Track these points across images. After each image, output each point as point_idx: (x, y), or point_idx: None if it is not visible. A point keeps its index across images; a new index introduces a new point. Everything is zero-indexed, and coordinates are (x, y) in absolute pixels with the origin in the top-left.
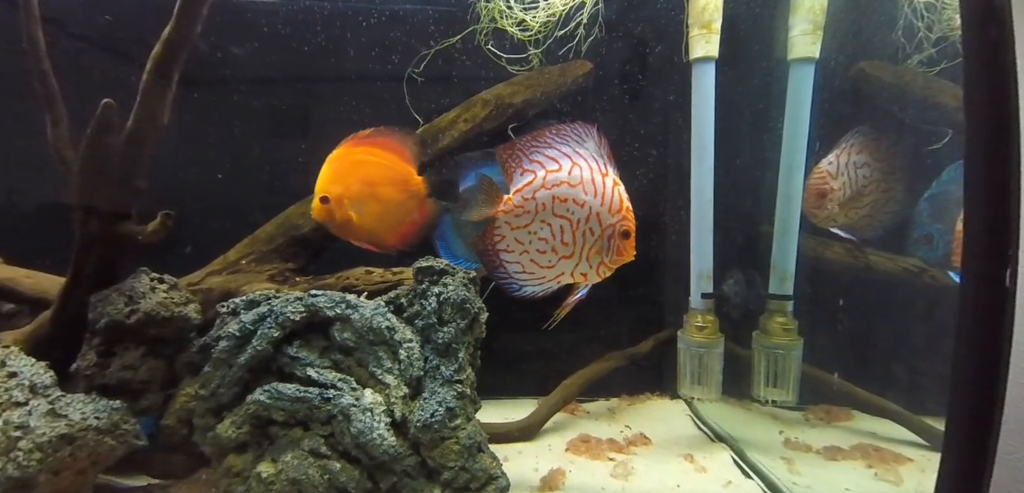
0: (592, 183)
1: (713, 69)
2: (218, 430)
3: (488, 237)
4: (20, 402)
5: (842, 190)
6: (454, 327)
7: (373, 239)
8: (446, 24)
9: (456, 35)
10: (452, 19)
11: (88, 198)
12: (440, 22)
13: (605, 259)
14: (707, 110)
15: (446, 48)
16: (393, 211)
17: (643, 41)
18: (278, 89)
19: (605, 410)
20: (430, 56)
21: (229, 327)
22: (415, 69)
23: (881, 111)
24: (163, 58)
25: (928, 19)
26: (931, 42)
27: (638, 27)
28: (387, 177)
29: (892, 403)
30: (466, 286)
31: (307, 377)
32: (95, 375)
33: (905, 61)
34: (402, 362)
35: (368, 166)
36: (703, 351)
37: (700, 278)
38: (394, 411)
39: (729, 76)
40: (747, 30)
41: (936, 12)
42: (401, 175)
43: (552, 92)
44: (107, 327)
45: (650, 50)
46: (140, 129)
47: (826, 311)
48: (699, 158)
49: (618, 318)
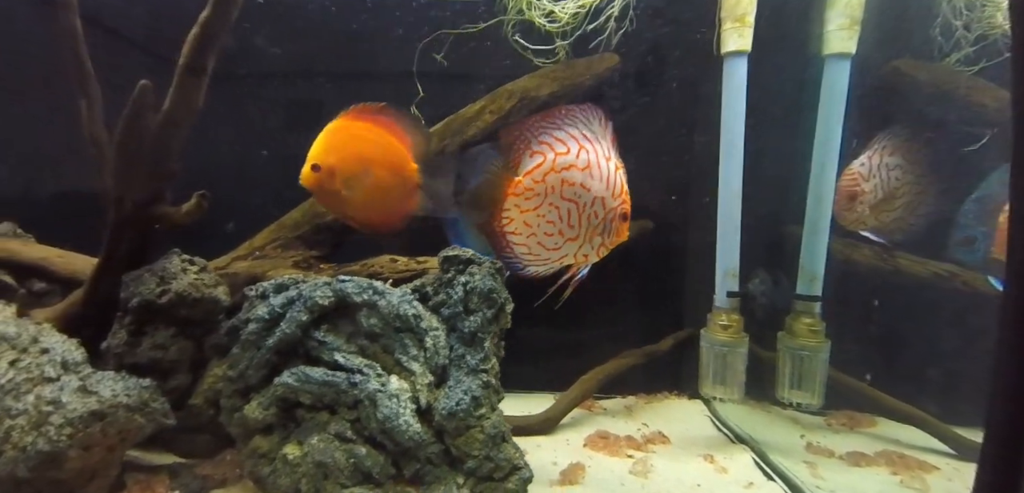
0: (598, 167)
1: (745, 63)
2: (245, 411)
3: (496, 220)
4: (52, 378)
5: (873, 193)
6: (480, 316)
7: (357, 217)
8: (472, 17)
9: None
10: (476, 12)
11: (122, 179)
12: (466, 14)
13: (605, 240)
14: (738, 105)
15: (472, 39)
16: (383, 193)
17: (673, 34)
18: (298, 80)
19: (622, 407)
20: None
21: (258, 310)
22: (438, 55)
23: (916, 111)
24: (199, 42)
25: (967, 17)
26: (970, 40)
27: (669, 20)
28: (383, 158)
29: (918, 410)
30: (493, 276)
31: (334, 361)
32: (126, 354)
33: (942, 60)
34: (428, 350)
35: (366, 143)
36: (727, 351)
37: (726, 276)
38: (419, 398)
39: (761, 71)
40: (780, 24)
41: (975, 10)
42: (397, 159)
43: (578, 85)
44: (139, 306)
45: (680, 43)
46: (175, 112)
47: (852, 314)
48: (728, 154)
49: (636, 315)
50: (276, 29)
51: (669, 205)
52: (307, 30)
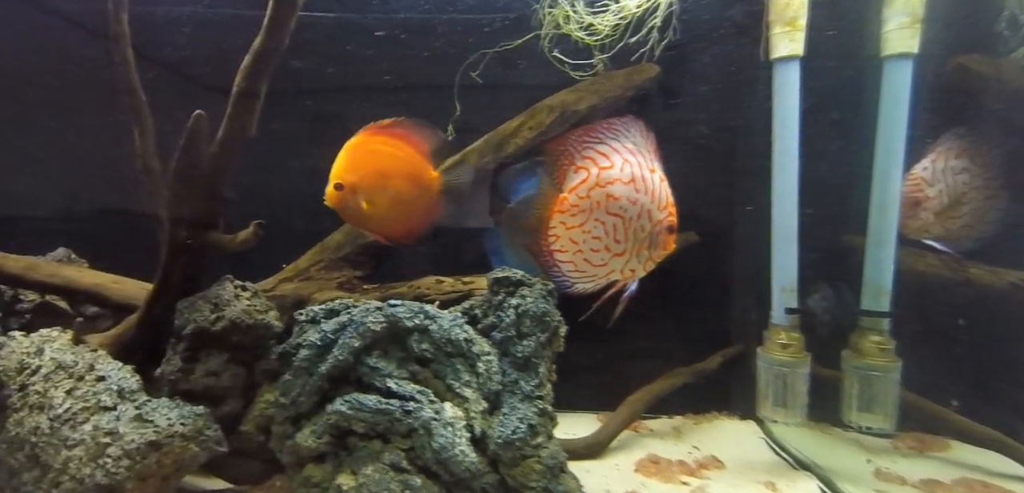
0: (643, 180)
1: (798, 68)
2: (297, 439)
3: (544, 238)
4: (108, 406)
5: (938, 198)
6: (534, 340)
7: (382, 230)
8: (508, 32)
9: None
10: (514, 26)
11: (178, 207)
12: (503, 30)
13: (651, 254)
14: (791, 113)
15: (507, 54)
16: (404, 204)
17: (717, 41)
18: (335, 99)
19: (669, 428)
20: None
21: (310, 336)
22: (474, 72)
23: (983, 110)
24: (252, 69)
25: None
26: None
27: (713, 27)
28: (401, 169)
29: (997, 432)
30: (545, 298)
31: (387, 388)
32: (179, 380)
33: (1009, 55)
34: (480, 375)
35: (383, 157)
36: (787, 371)
37: (783, 292)
38: (473, 426)
39: (813, 76)
40: (832, 27)
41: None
42: (415, 168)
43: (618, 97)
44: (193, 334)
45: (724, 50)
46: (230, 139)
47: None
48: (782, 164)
49: (680, 331)
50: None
51: (714, 216)
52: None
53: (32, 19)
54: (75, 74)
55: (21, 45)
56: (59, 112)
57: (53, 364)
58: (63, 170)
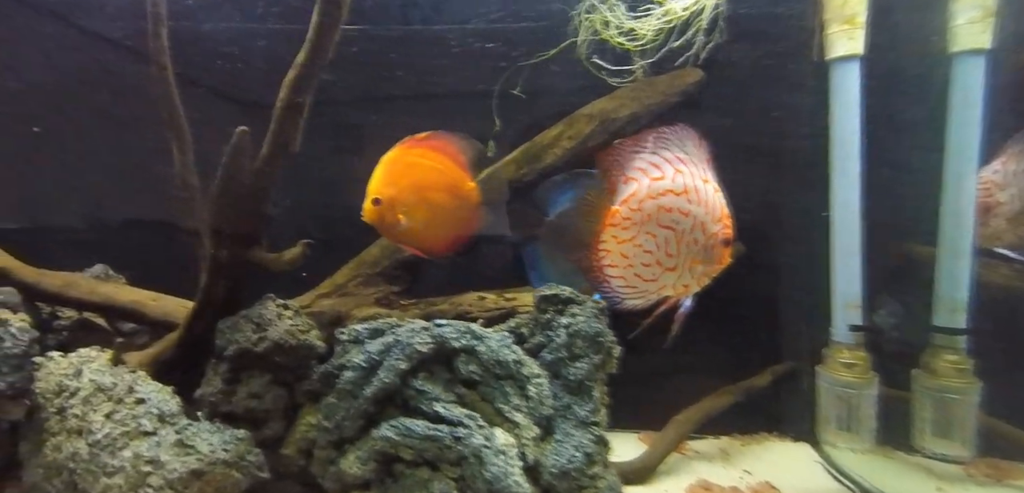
0: (696, 191)
1: (857, 68)
2: (342, 465)
3: (593, 252)
4: (148, 431)
5: (1010, 203)
6: (588, 363)
7: (422, 244)
8: (543, 40)
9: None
10: (548, 34)
11: (220, 224)
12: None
13: (706, 268)
14: (851, 116)
15: (543, 64)
16: (443, 217)
17: (766, 43)
18: (370, 110)
19: (716, 450)
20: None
21: (354, 357)
22: (509, 86)
23: None
24: (296, 84)
25: None
26: None
27: (761, 29)
28: (439, 182)
29: None
30: (598, 317)
31: (435, 413)
32: (220, 402)
33: None
34: (531, 399)
35: (420, 170)
36: (852, 393)
37: (846, 307)
38: (526, 454)
39: (873, 76)
40: (892, 23)
41: None
42: (453, 180)
43: (660, 104)
44: (236, 355)
45: (773, 52)
46: (273, 155)
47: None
48: (842, 170)
49: (726, 346)
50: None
51: (763, 226)
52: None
53: (71, 37)
54: (112, 90)
55: (57, 62)
56: (98, 128)
57: (92, 386)
58: (101, 185)
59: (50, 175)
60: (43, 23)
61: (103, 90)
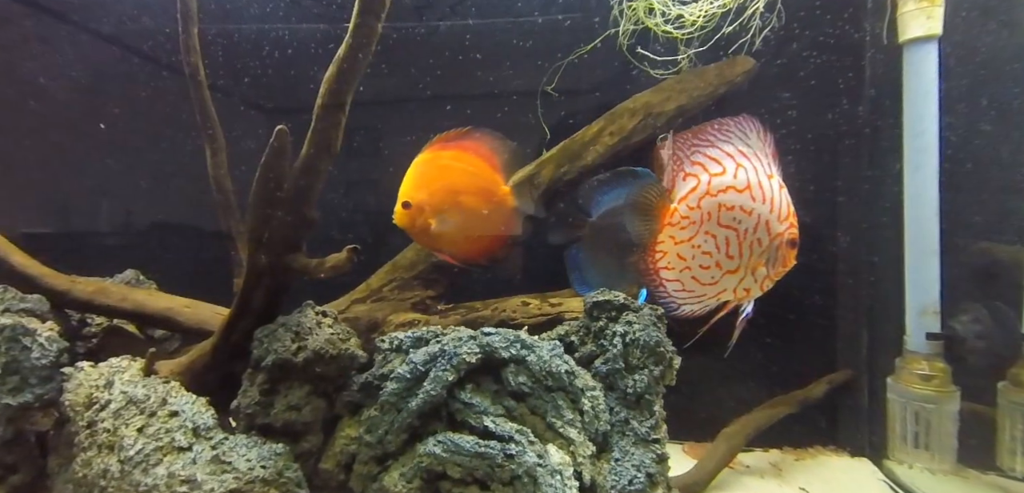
0: (759, 187)
1: (936, 50)
2: (384, 482)
3: (650, 254)
4: (183, 447)
5: None
6: (647, 374)
7: (455, 250)
8: (585, 32)
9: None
10: (589, 26)
11: (258, 229)
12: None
13: (770, 271)
14: (928, 102)
15: (583, 58)
16: (476, 221)
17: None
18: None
19: (767, 464)
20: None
21: (397, 367)
22: (549, 83)
23: None
24: (337, 82)
25: None
26: None
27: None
28: (471, 185)
29: None
30: (656, 325)
31: (483, 427)
32: (257, 414)
33: None
34: (586, 413)
35: (453, 172)
36: (931, 408)
37: (923, 314)
38: (582, 473)
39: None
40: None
41: None
42: (487, 184)
43: (708, 96)
44: (274, 365)
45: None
46: (314, 157)
47: None
48: (918, 162)
49: (777, 354)
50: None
51: (815, 223)
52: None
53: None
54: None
55: (87, 66)
56: (129, 133)
57: (123, 398)
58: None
59: (80, 179)
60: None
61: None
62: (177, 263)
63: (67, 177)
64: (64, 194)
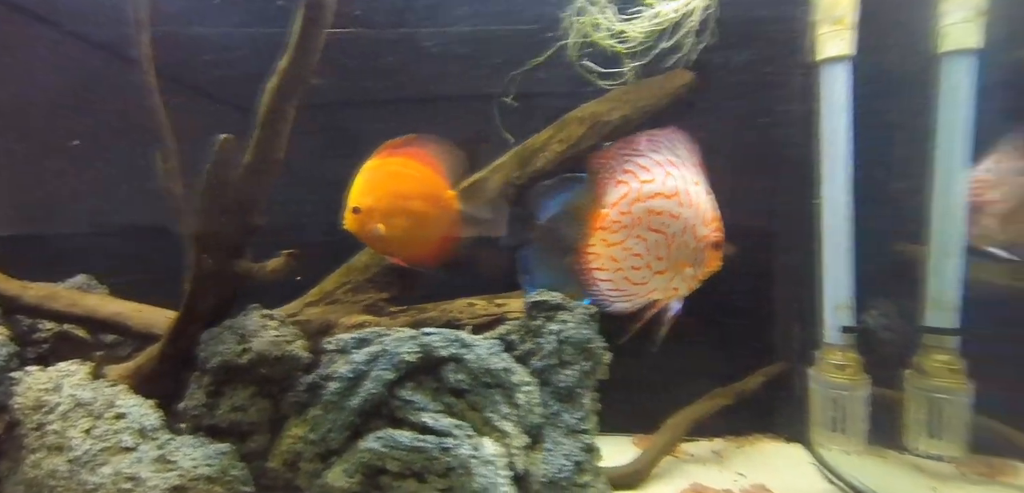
0: (686, 194)
1: (847, 69)
2: (328, 478)
3: (582, 255)
4: (129, 447)
5: (1003, 202)
6: (577, 370)
7: (403, 254)
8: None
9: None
10: (540, 38)
11: (205, 234)
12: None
13: (696, 272)
14: (840, 116)
15: (534, 68)
16: (423, 226)
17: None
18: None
19: (709, 452)
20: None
21: (340, 368)
22: (504, 92)
23: None
24: (281, 89)
25: None
26: None
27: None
28: (417, 190)
29: None
30: (588, 323)
31: (422, 423)
32: (203, 415)
33: None
34: (520, 407)
35: (400, 178)
36: (845, 395)
37: (837, 309)
38: (515, 463)
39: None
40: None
41: None
42: (432, 188)
43: (652, 106)
44: (219, 367)
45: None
46: (258, 163)
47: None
48: (832, 171)
49: (717, 348)
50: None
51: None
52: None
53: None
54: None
55: (42, 66)
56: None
57: (71, 401)
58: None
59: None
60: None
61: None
62: (129, 268)
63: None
64: (15, 198)
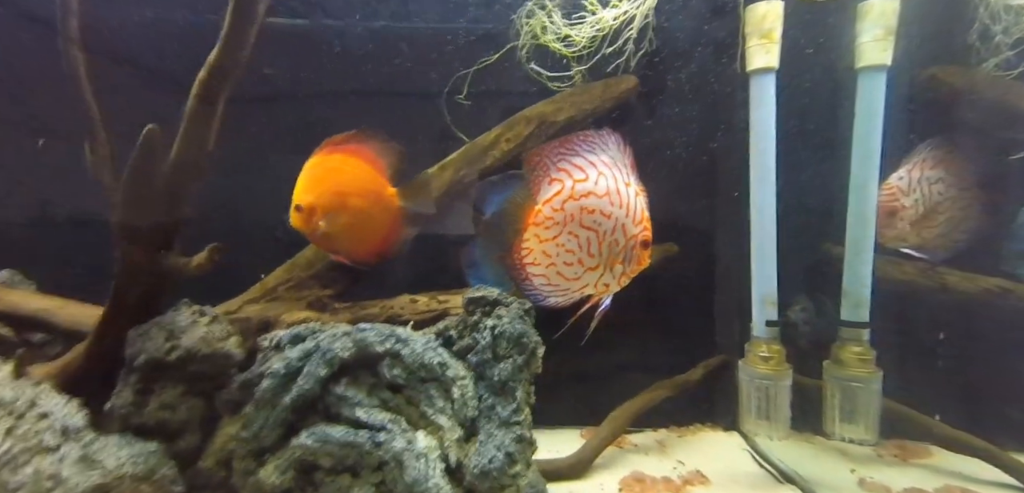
0: (618, 194)
1: (773, 81)
2: (260, 475)
3: (516, 251)
4: (51, 447)
5: (914, 208)
6: (511, 363)
7: (345, 251)
8: (487, 43)
9: (495, 54)
10: (493, 38)
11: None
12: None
13: (626, 269)
14: (767, 124)
15: (487, 67)
16: (364, 222)
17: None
18: (313, 109)
19: (653, 442)
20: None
21: (273, 364)
22: (456, 90)
23: (956, 120)
24: (209, 83)
25: (1005, 20)
26: (1008, 44)
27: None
28: (358, 187)
29: (980, 440)
30: (522, 318)
31: (355, 418)
32: (131, 415)
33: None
34: (455, 401)
35: (340, 175)
36: (769, 384)
37: (763, 304)
38: (448, 455)
39: (789, 87)
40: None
41: (1015, 13)
42: (373, 185)
43: (596, 109)
44: (146, 364)
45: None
46: (185, 156)
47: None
48: (760, 176)
49: (661, 342)
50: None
51: (695, 227)
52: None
53: None
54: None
55: None
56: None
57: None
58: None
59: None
60: None
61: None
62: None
63: None
64: None
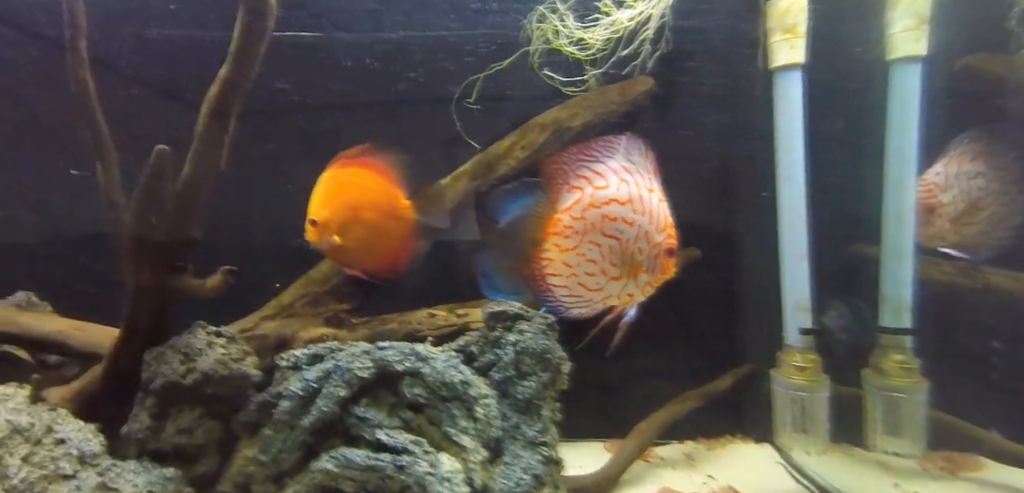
0: (640, 200)
1: (800, 77)
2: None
3: (536, 262)
4: (68, 474)
5: (953, 204)
6: (536, 381)
7: (359, 264)
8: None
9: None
10: (504, 44)
11: (141, 249)
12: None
13: (650, 278)
14: (794, 123)
15: (498, 74)
16: (378, 236)
17: (713, 52)
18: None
19: (681, 456)
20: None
21: (291, 385)
22: (467, 97)
23: (996, 111)
24: (219, 100)
25: None
26: None
27: (708, 38)
28: (371, 200)
29: None
30: (546, 333)
31: (377, 441)
32: (148, 439)
33: (1019, 51)
34: (479, 421)
35: (353, 188)
36: (805, 395)
37: (796, 311)
38: (473, 479)
39: (816, 83)
40: (833, 32)
41: None
42: (386, 198)
43: (612, 112)
44: (162, 388)
45: (721, 61)
46: (196, 176)
47: (938, 341)
48: (788, 176)
49: (688, 351)
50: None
51: (719, 231)
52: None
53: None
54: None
55: None
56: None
57: (7, 427)
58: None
59: None
60: None
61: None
62: (76, 283)
63: None
64: None
